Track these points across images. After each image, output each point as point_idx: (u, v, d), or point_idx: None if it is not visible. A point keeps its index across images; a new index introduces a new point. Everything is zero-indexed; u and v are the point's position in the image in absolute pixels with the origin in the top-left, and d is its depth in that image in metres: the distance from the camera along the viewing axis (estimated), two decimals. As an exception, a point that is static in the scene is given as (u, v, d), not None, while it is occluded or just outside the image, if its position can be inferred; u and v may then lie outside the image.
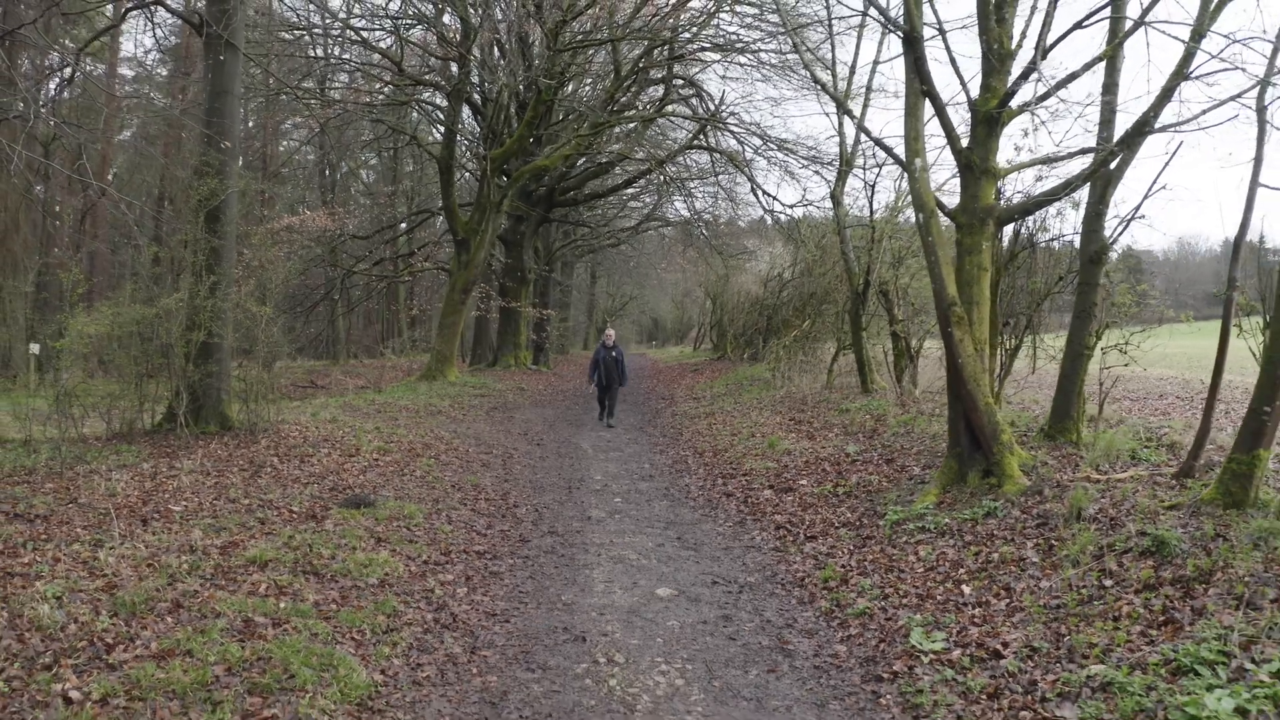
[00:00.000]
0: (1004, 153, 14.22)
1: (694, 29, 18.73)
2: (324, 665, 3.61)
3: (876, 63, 13.64)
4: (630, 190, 29.10)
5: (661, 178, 24.36)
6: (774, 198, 21.49)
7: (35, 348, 18.13)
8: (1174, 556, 4.65)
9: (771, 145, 19.19)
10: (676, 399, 17.39)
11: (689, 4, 17.86)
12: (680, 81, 21.79)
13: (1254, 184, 6.03)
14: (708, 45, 19.29)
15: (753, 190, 21.26)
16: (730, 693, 3.81)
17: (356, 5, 20.62)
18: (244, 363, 10.29)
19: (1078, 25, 6.78)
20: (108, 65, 26.28)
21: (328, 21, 20.05)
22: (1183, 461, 6.20)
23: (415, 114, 25.91)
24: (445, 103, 19.91)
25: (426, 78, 19.44)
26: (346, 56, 20.60)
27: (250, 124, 26.97)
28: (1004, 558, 5.23)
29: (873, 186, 12.76)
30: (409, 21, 19.30)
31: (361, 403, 13.44)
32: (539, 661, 4.06)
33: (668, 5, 17.18)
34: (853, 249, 13.47)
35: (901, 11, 7.10)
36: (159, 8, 11.50)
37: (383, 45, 18.85)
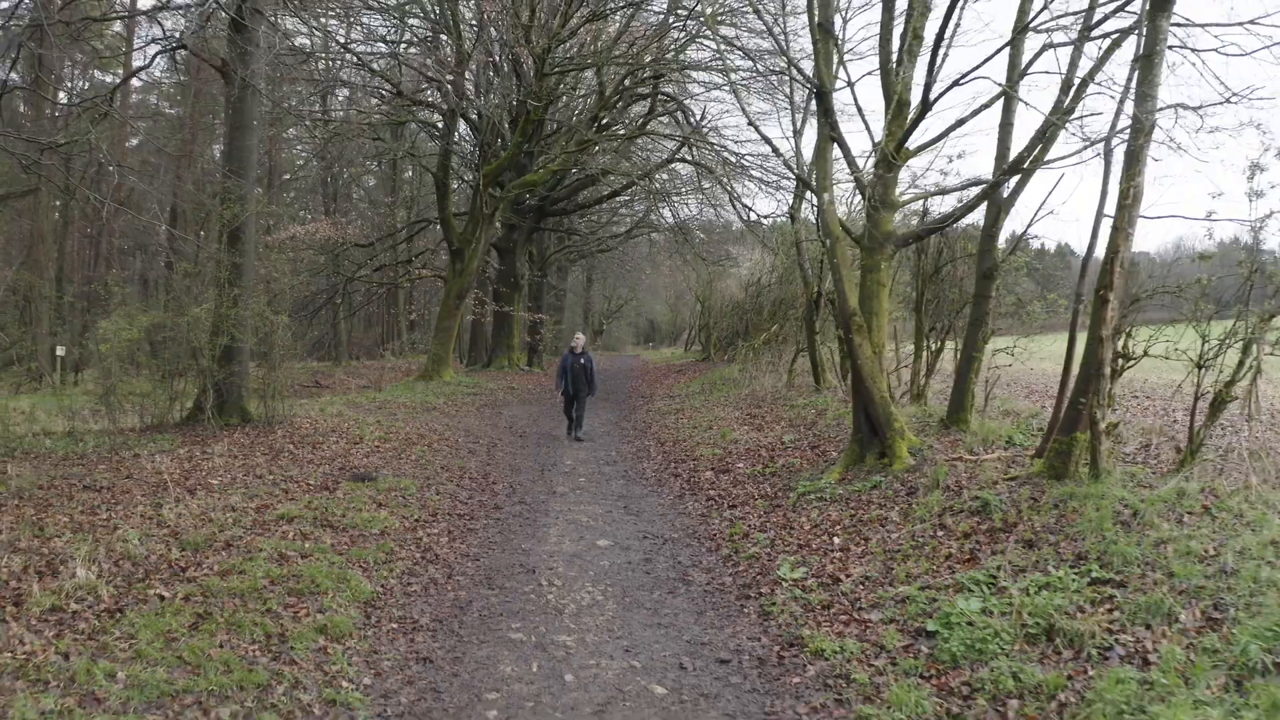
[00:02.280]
0: (933, 177, 15.54)
1: (672, 52, 20.11)
2: (340, 580, 5.01)
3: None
4: (621, 198, 30.49)
5: (649, 188, 25.78)
6: (749, 208, 22.89)
7: (61, 350, 19.57)
8: (993, 514, 6.04)
9: (744, 161, 20.57)
10: (655, 397, 18.77)
11: (667, 35, 19.28)
12: (664, 96, 23.19)
13: (1099, 214, 7.39)
14: (686, 66, 20.67)
15: (731, 201, 22.67)
16: (635, 604, 5.21)
17: (355, 30, 22.05)
18: (261, 364, 11.68)
19: (955, 84, 8.15)
20: (121, 79, 27.64)
21: (330, 46, 21.47)
22: (1039, 444, 7.59)
23: (414, 125, 27.34)
24: (441, 121, 21.33)
25: (423, 98, 20.86)
26: (345, 75, 22.00)
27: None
28: (872, 518, 6.63)
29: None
30: (406, 42, 20.73)
31: (364, 400, 14.85)
32: (498, 584, 5.46)
33: (644, 35, 18.57)
34: (809, 261, 14.84)
35: (814, 69, 8.49)
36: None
37: (381, 64, 20.26)
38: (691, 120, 22.63)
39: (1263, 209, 6.98)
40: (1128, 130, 7.42)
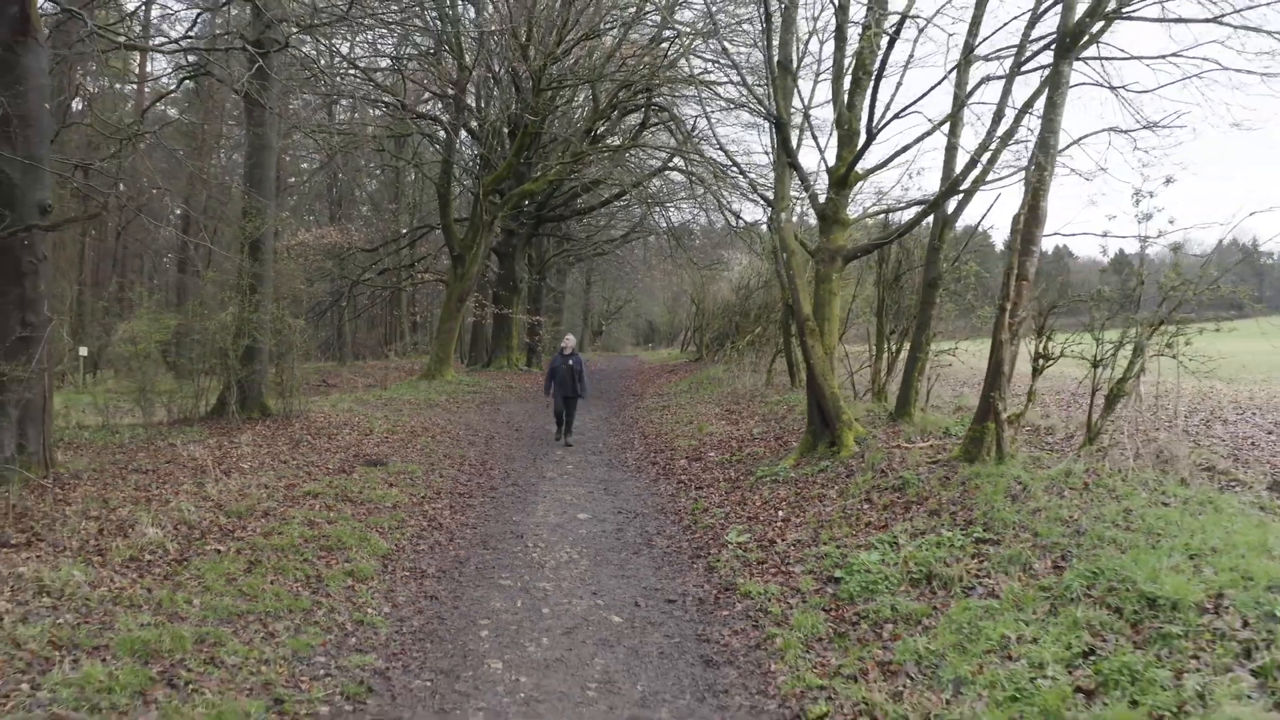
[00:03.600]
0: (898, 191, 16.61)
1: (662, 69, 21.18)
2: (361, 539, 6.11)
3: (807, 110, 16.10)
4: (617, 203, 31.56)
5: (642, 195, 26.87)
6: (738, 215, 23.91)
7: (84, 350, 20.69)
8: (909, 490, 7.12)
9: (730, 172, 21.62)
10: (645, 396, 19.86)
11: (657, 50, 20.38)
12: (656, 108, 24.27)
13: (1016, 232, 8.46)
14: (674, 81, 21.73)
15: (719, 209, 23.74)
16: (604, 561, 6.30)
17: (359, 48, 23.15)
18: (279, 363, 12.77)
19: (895, 116, 9.25)
20: (136, 89, 28.77)
21: (336, 61, 22.56)
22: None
23: (416, 134, 28.46)
24: (443, 133, 22.42)
25: (426, 111, 21.95)
26: (348, 87, 23.06)
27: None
28: (814, 495, 7.71)
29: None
30: (409, 56, 21.81)
31: (371, 398, 15.92)
32: (492, 546, 6.56)
33: (634, 53, 19.65)
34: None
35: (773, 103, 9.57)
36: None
37: (384, 78, 21.34)
38: (683, 130, 23.72)
39: (1151, 228, 7.99)
40: (1049, 158, 8.44)
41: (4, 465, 7.45)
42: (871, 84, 8.95)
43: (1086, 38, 7.90)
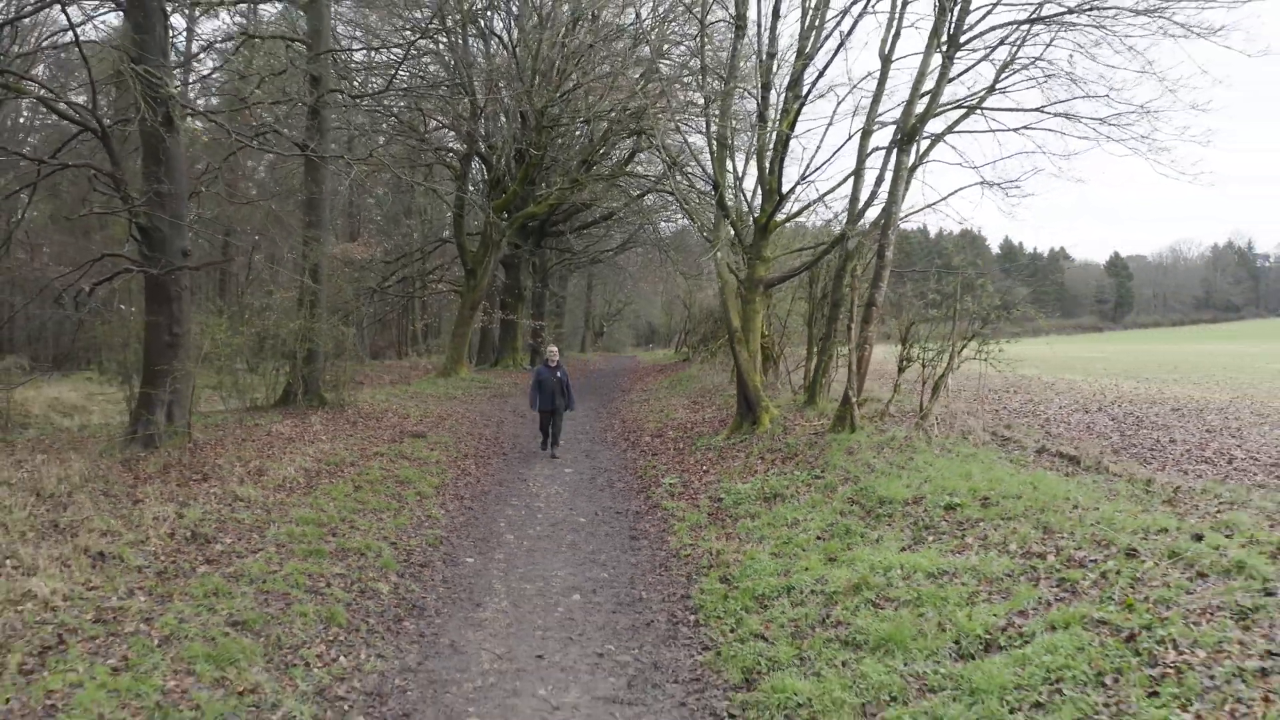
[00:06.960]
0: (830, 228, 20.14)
1: (649, 107, 24.43)
2: (421, 477, 9.44)
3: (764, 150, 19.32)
4: (613, 218, 34.82)
5: (637, 208, 30.13)
6: (716, 233, 27.12)
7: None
8: (789, 450, 10.40)
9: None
10: (633, 391, 23.15)
11: (646, 86, 23.63)
12: (645, 135, 27.51)
13: (877, 271, 11.64)
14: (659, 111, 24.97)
15: (699, 229, 27.02)
16: (579, 493, 9.62)
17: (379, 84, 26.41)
18: (333, 363, 16.08)
19: (799, 181, 12.50)
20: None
21: (362, 101, 25.81)
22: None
23: (433, 158, 31.75)
24: (457, 163, 25.76)
25: (442, 143, 25.26)
26: (372, 125, 26.38)
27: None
28: (730, 456, 10.99)
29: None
30: (425, 89, 25.09)
31: (399, 392, 19.22)
32: (505, 485, 9.88)
33: (624, 97, 22.93)
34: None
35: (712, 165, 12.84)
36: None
37: (402, 111, 24.61)
38: (670, 155, 26.94)
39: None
40: (891, 222, 11.59)
41: (166, 431, 10.78)
42: (780, 158, 12.24)
43: (921, 136, 11.14)
